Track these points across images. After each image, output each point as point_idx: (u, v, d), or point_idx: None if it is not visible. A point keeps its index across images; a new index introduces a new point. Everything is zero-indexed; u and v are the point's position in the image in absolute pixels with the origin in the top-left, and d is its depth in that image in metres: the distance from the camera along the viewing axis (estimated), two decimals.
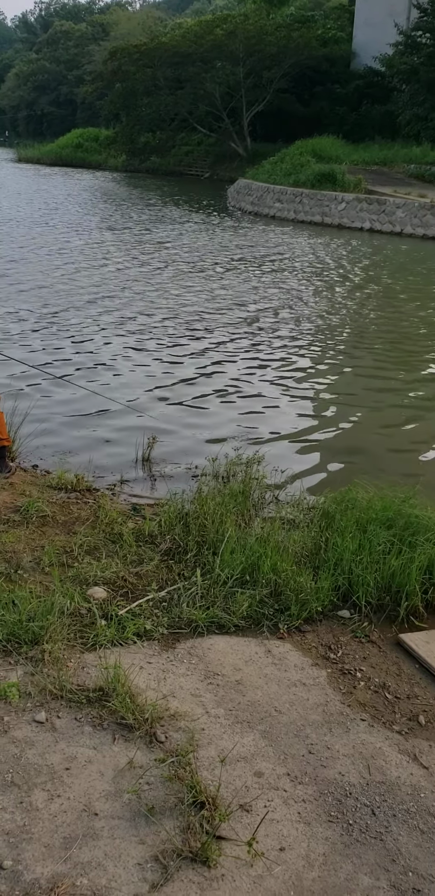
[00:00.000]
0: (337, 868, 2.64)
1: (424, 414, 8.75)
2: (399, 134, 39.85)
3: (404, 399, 9.28)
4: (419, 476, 6.58)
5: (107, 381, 9.14)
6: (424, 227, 25.70)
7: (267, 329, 12.04)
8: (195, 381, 9.36)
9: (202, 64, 46.76)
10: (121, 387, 8.98)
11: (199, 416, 8.26)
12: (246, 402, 8.77)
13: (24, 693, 3.32)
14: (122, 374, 9.44)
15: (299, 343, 11.35)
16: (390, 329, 12.75)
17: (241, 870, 2.58)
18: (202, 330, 11.75)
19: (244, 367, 10.03)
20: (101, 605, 4.00)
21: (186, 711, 3.31)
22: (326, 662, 3.81)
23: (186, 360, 10.20)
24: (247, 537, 4.65)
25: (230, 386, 9.26)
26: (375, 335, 12.26)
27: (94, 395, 8.08)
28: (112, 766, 2.97)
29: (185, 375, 9.55)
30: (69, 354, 10.07)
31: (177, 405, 8.53)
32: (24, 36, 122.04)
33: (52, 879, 2.48)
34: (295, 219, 29.35)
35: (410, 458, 7.48)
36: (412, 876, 2.65)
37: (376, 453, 7.51)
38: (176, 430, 7.75)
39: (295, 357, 10.61)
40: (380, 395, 9.34)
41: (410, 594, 4.22)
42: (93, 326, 11.52)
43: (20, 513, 5.06)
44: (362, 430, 8.16)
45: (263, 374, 9.79)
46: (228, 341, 11.19)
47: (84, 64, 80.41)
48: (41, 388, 8.68)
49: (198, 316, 12.64)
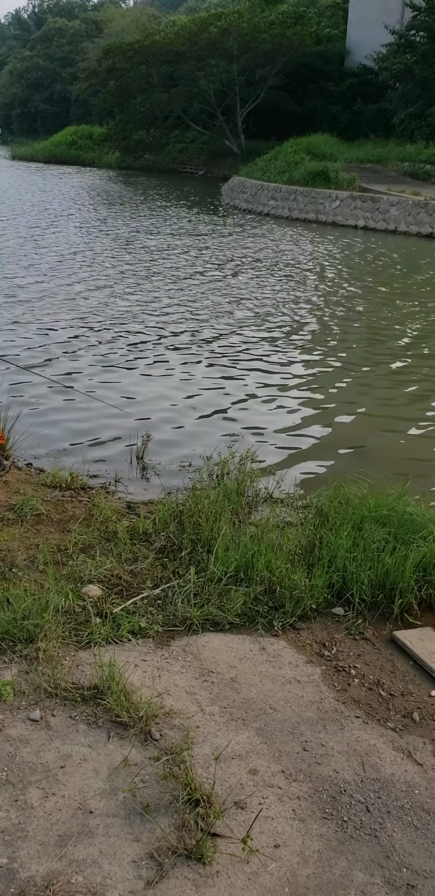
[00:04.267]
0: (332, 864, 2.65)
1: (419, 412, 8.77)
2: (393, 132, 39.90)
3: (398, 396, 9.30)
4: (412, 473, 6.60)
5: (101, 381, 9.13)
6: (418, 225, 25.75)
7: (260, 327, 12.04)
8: (188, 380, 9.36)
9: (196, 61, 46.71)
10: (114, 386, 8.97)
11: (193, 414, 8.26)
12: (240, 400, 8.77)
13: (19, 691, 3.31)
14: (115, 374, 9.42)
15: (292, 341, 11.35)
16: (385, 327, 12.77)
17: (236, 867, 2.59)
18: (197, 328, 11.74)
19: (238, 365, 10.02)
20: (96, 603, 4.00)
21: (181, 709, 3.31)
22: (321, 660, 3.82)
23: (179, 358, 10.19)
24: (241, 535, 4.65)
25: (224, 384, 9.26)
26: (370, 333, 12.27)
27: (87, 394, 8.07)
28: (107, 764, 2.97)
29: (177, 374, 9.54)
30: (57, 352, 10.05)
31: (170, 404, 8.52)
32: (18, 33, 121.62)
33: (47, 877, 2.48)
34: (289, 216, 29.37)
35: (405, 456, 7.49)
36: (406, 872, 2.66)
37: (370, 451, 7.53)
38: (170, 429, 7.75)
39: (288, 355, 10.62)
40: (373, 392, 9.35)
41: (404, 591, 4.23)
42: (82, 325, 11.50)
43: (15, 511, 5.05)
44: (357, 428, 8.17)
45: (256, 371, 9.79)
46: (221, 339, 11.18)
47: (78, 61, 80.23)
48: (35, 387, 8.66)
49: (191, 314, 12.63)
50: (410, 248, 22.88)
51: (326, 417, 8.41)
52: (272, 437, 7.70)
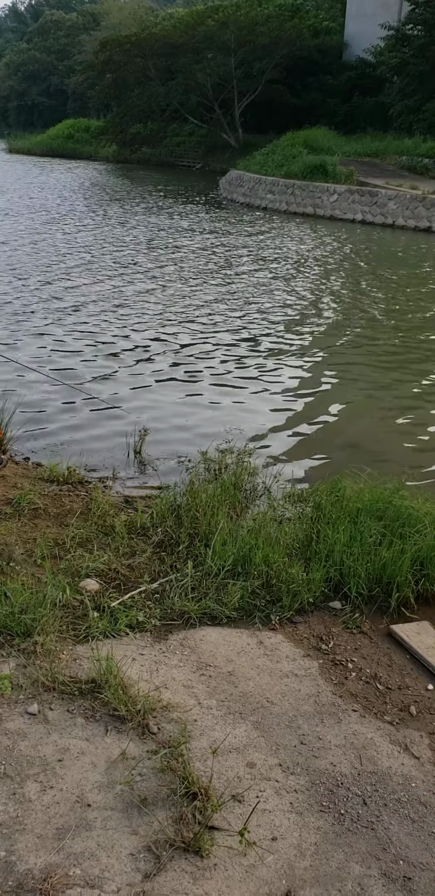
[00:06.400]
0: (329, 857, 2.66)
1: (415, 406, 8.77)
2: (391, 125, 39.80)
3: (395, 391, 9.30)
4: (408, 467, 6.60)
5: (96, 374, 9.12)
6: (416, 219, 25.71)
7: (256, 321, 12.02)
8: (185, 375, 9.35)
9: (193, 54, 46.54)
10: (111, 380, 8.96)
11: (190, 409, 8.25)
12: (236, 395, 8.76)
13: (17, 685, 3.32)
14: (112, 369, 9.41)
15: (289, 336, 11.34)
16: (382, 322, 12.77)
17: (233, 859, 2.60)
18: (193, 323, 11.73)
19: (234, 359, 10.01)
20: (94, 597, 4.00)
21: (179, 703, 3.32)
22: (318, 653, 3.83)
23: (176, 353, 10.18)
24: (239, 529, 4.66)
25: (221, 379, 9.25)
26: (366, 327, 12.27)
27: (85, 389, 8.06)
28: (105, 757, 2.98)
29: (175, 368, 9.53)
30: (56, 347, 10.04)
31: (167, 398, 8.51)
32: (15, 25, 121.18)
33: (45, 870, 2.49)
34: (287, 210, 29.30)
35: (401, 450, 7.50)
36: (403, 864, 2.67)
37: (367, 445, 7.53)
38: (167, 423, 7.74)
39: (285, 350, 10.61)
40: (370, 387, 9.35)
41: (401, 585, 4.24)
42: (78, 318, 11.49)
43: (12, 505, 5.05)
44: (353, 422, 8.17)
45: (252, 366, 9.78)
46: (218, 334, 11.17)
47: (75, 54, 79.91)
48: (32, 382, 8.64)
49: (188, 309, 12.62)
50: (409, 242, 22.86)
51: (324, 412, 8.41)
52: (269, 432, 7.69)
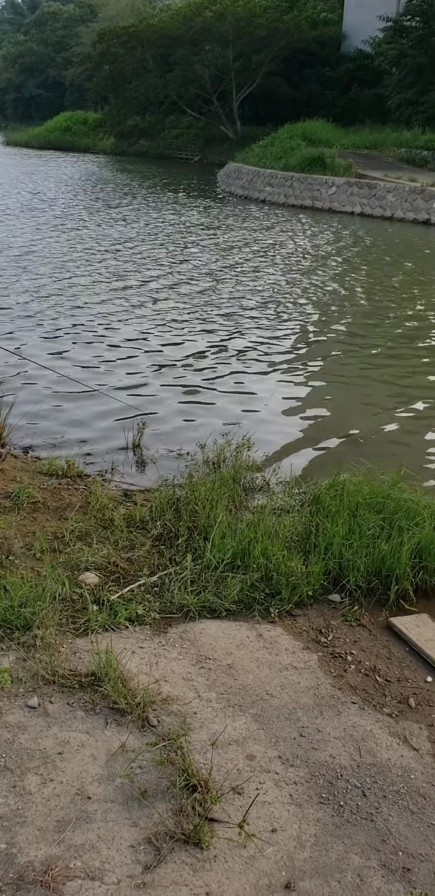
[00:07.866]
0: (328, 848, 2.67)
1: (413, 399, 8.77)
2: (390, 118, 39.71)
3: (393, 385, 9.29)
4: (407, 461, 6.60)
5: (95, 367, 9.11)
6: (415, 212, 25.67)
7: (254, 315, 12.01)
8: (184, 368, 9.34)
9: (191, 46, 46.38)
10: (109, 374, 8.95)
11: (189, 402, 8.25)
12: (235, 388, 8.75)
13: (17, 678, 3.32)
14: (110, 362, 9.40)
15: (287, 328, 11.33)
16: (381, 315, 12.75)
17: (233, 851, 2.61)
18: (191, 318, 11.71)
19: (232, 353, 10.00)
20: (93, 590, 4.00)
21: (178, 695, 3.33)
22: (317, 646, 3.83)
23: (174, 347, 10.17)
24: (238, 522, 4.66)
25: (219, 372, 9.24)
26: (364, 320, 12.26)
27: (84, 382, 8.05)
28: (105, 750, 2.99)
29: (173, 363, 9.52)
30: (55, 341, 10.03)
31: (166, 392, 8.50)
32: (11, 17, 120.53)
33: (45, 862, 2.50)
34: (285, 203, 29.24)
35: (400, 443, 7.50)
36: (402, 855, 2.68)
37: (366, 438, 7.53)
38: (166, 417, 7.73)
39: (283, 343, 10.60)
40: (368, 380, 9.34)
41: (400, 578, 4.25)
42: (77, 311, 11.47)
43: (11, 499, 5.05)
44: (352, 415, 8.16)
45: (251, 359, 9.77)
46: (216, 328, 11.16)
47: (72, 46, 79.60)
48: (30, 375, 8.63)
49: (185, 304, 12.60)
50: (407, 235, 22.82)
51: (323, 405, 8.41)
52: (268, 426, 7.69)
